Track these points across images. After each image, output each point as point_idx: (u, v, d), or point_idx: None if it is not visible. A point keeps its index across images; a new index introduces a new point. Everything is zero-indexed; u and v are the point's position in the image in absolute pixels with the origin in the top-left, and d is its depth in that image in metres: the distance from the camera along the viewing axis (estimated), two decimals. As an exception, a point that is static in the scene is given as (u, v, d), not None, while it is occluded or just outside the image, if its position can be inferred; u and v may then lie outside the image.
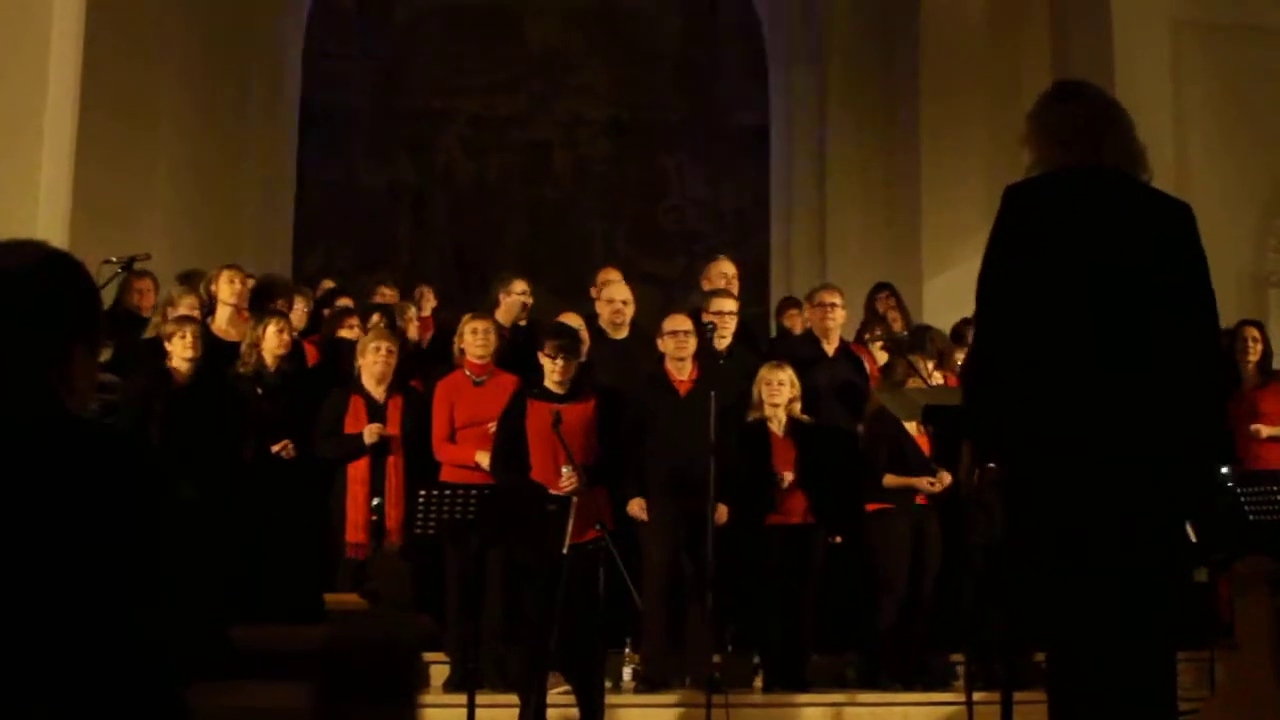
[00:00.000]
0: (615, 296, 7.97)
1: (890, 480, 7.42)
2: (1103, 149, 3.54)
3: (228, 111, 12.87)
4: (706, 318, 7.77)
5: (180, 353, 7.24)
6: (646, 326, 8.06)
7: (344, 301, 8.93)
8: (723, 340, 7.77)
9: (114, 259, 8.41)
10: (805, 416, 7.47)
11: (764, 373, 7.46)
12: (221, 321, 8.02)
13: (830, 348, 8.05)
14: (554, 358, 6.77)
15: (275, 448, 7.25)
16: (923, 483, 7.39)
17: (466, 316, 7.51)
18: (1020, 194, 3.54)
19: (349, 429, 7.19)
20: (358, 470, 7.13)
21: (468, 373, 7.28)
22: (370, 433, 7.11)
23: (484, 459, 7.02)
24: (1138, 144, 3.61)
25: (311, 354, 8.19)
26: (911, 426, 7.44)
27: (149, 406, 7.11)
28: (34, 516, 1.90)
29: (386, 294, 9.30)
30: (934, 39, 13.21)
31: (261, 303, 8.26)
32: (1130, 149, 3.59)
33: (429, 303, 9.54)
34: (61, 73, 8.85)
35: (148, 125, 12.04)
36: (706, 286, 8.40)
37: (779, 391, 7.39)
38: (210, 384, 7.36)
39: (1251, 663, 6.09)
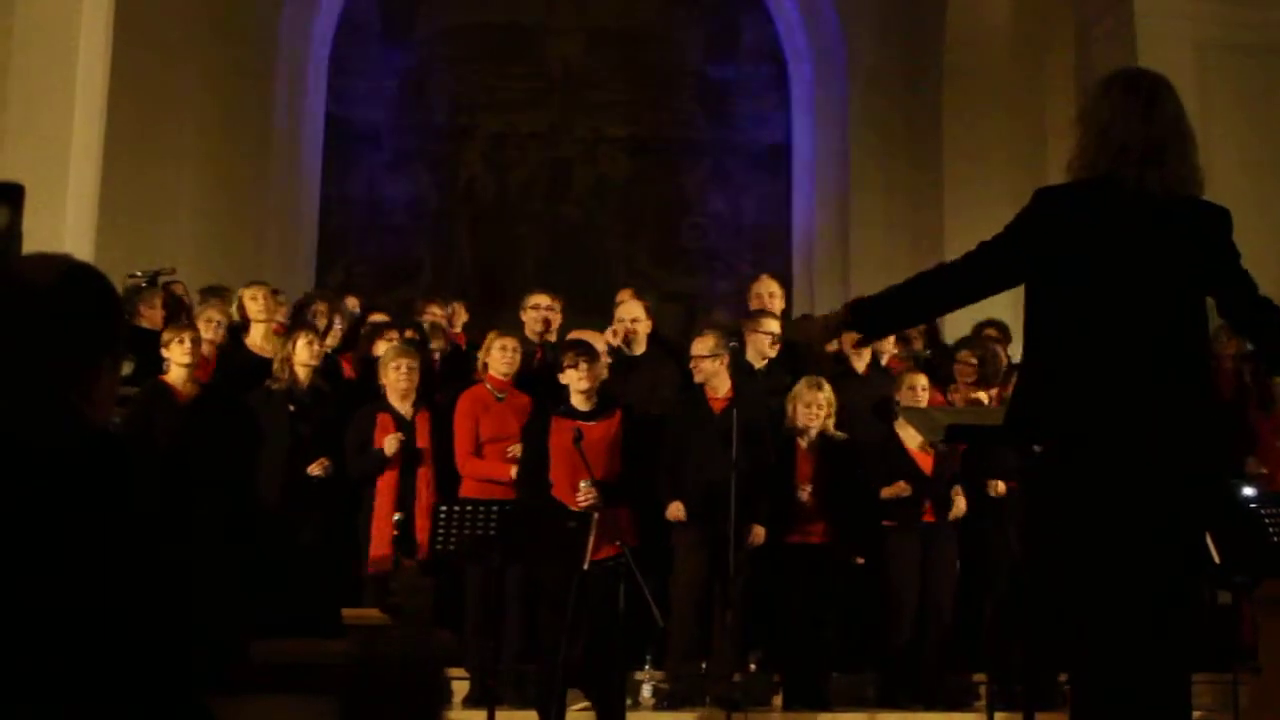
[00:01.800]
0: (625, 315, 8.02)
1: (886, 492, 7.42)
2: (1162, 167, 3.46)
3: (252, 127, 12.94)
4: (751, 337, 7.79)
5: (178, 359, 7.20)
6: (668, 341, 8.09)
7: (379, 317, 8.90)
8: (761, 359, 7.79)
9: (139, 273, 8.44)
10: (839, 434, 7.45)
11: (802, 391, 7.42)
12: (256, 338, 8.04)
13: (861, 365, 8.05)
14: (575, 366, 6.78)
15: (312, 468, 7.25)
16: (895, 489, 7.35)
17: (494, 333, 7.54)
18: (1048, 201, 3.53)
19: (378, 445, 7.19)
20: (386, 484, 7.13)
21: (489, 387, 7.29)
22: (390, 443, 7.10)
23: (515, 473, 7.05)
24: (1191, 164, 3.52)
25: (348, 370, 8.21)
26: (914, 444, 7.43)
27: (150, 423, 7.10)
28: (55, 528, 1.91)
29: (437, 313, 9.28)
30: (958, 60, 13.22)
31: (297, 319, 8.28)
32: (1180, 171, 3.49)
33: (460, 318, 9.54)
34: (88, 88, 8.90)
35: (173, 140, 12.14)
36: (751, 306, 8.46)
37: (815, 414, 7.36)
38: (220, 399, 7.36)
39: (1275, 686, 6.04)
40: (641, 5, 14.50)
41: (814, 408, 7.36)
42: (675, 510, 7.09)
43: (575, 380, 6.80)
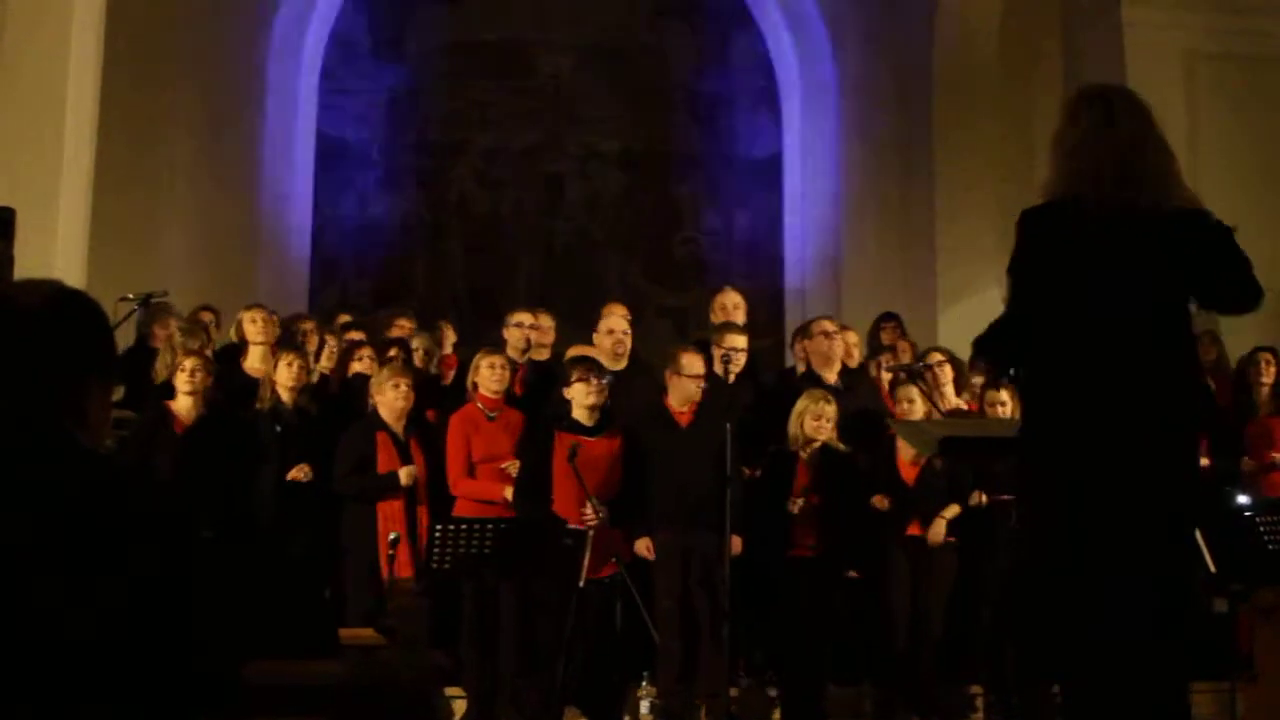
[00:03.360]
0: (616, 328, 7.98)
1: (876, 501, 7.40)
2: (1125, 185, 3.51)
3: (243, 147, 12.94)
4: (716, 351, 7.76)
5: (184, 387, 7.22)
6: (646, 358, 8.06)
7: (355, 335, 8.90)
8: (734, 374, 7.76)
9: (130, 296, 8.43)
10: (841, 445, 7.42)
11: (809, 405, 7.39)
12: (254, 360, 8.04)
13: (831, 377, 7.98)
14: (586, 380, 6.83)
15: (292, 473, 7.23)
16: (877, 501, 7.35)
17: (482, 352, 7.53)
18: (1030, 223, 3.58)
19: (382, 467, 7.16)
20: (391, 509, 7.10)
21: (481, 407, 7.29)
22: (406, 475, 7.07)
23: (511, 494, 7.01)
24: (1158, 176, 3.56)
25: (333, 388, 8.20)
26: (907, 456, 7.43)
27: (152, 444, 7.10)
28: (46, 550, 1.91)
29: (405, 325, 9.28)
30: (947, 71, 13.24)
31: (284, 340, 8.28)
32: (1146, 188, 3.54)
33: (449, 339, 9.52)
34: (79, 112, 8.90)
35: (164, 161, 12.13)
36: (713, 319, 8.41)
37: (823, 427, 7.34)
38: (220, 420, 7.36)
39: (1272, 694, 6.04)
40: (632, 20, 14.52)
41: (823, 420, 7.34)
42: (643, 546, 7.06)
43: (582, 395, 6.84)
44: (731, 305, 8.44)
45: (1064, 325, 3.50)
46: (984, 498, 7.31)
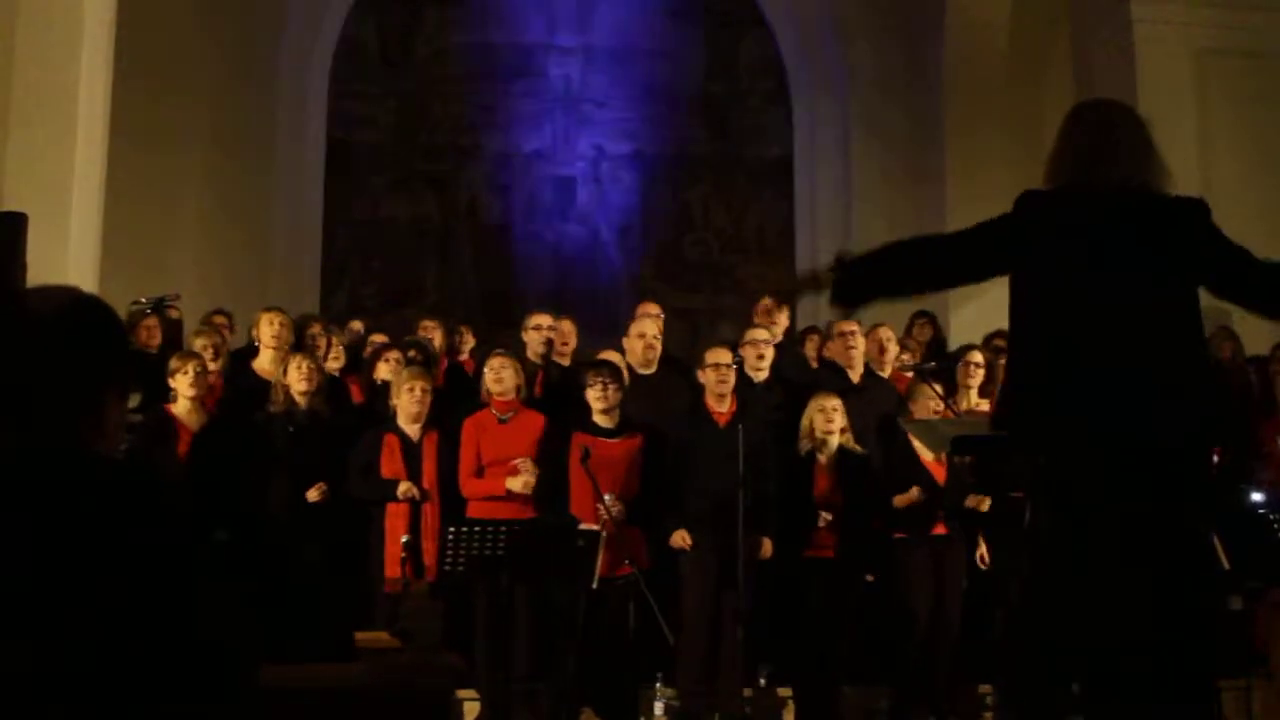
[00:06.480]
0: (648, 331, 8.00)
1: (899, 500, 7.38)
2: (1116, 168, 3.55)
3: (254, 151, 12.97)
4: (742, 350, 7.81)
5: (184, 390, 7.22)
6: (678, 360, 8.09)
7: (380, 338, 8.90)
8: (759, 372, 7.79)
9: (143, 300, 8.44)
10: (858, 447, 7.42)
11: (817, 402, 7.41)
12: (265, 362, 8.06)
13: (855, 376, 8.02)
14: (592, 386, 6.90)
15: (310, 494, 7.24)
16: (909, 496, 7.32)
17: (491, 354, 7.55)
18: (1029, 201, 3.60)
19: (385, 469, 7.18)
20: (397, 506, 7.13)
21: (494, 410, 7.30)
22: (404, 491, 7.10)
23: (514, 483, 7.01)
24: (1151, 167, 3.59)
25: (357, 394, 8.24)
26: (929, 455, 7.41)
27: (159, 448, 7.10)
28: (65, 558, 1.91)
29: (429, 326, 9.29)
30: (957, 73, 13.22)
31: (294, 343, 8.31)
32: (1142, 174, 3.57)
33: (468, 343, 9.53)
34: (90, 117, 8.92)
35: (175, 166, 12.16)
36: (755, 321, 8.49)
37: (834, 418, 7.33)
38: (230, 422, 7.37)
39: (1288, 692, 6.02)
40: (642, 22, 14.53)
41: (828, 412, 7.33)
42: (679, 539, 7.06)
43: (593, 400, 6.91)
44: (777, 309, 8.50)
45: (1064, 312, 3.49)
46: (986, 504, 7.32)
